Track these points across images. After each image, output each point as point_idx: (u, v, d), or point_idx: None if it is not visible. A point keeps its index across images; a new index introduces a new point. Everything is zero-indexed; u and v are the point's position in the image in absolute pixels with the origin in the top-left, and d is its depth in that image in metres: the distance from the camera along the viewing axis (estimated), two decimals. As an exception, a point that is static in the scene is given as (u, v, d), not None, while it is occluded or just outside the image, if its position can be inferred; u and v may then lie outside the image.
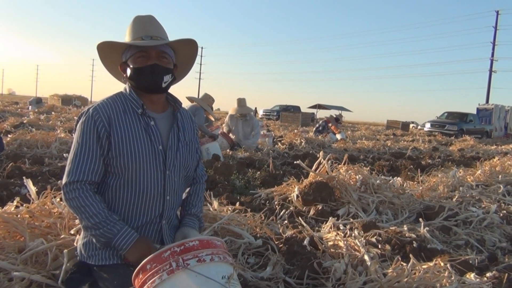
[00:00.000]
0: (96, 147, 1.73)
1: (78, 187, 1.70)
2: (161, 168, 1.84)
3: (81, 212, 1.69)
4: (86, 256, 1.80)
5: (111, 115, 1.77)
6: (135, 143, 1.78)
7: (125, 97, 1.85)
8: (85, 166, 1.71)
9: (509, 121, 29.30)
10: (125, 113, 1.81)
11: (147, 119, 1.83)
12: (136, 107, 1.83)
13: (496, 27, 38.10)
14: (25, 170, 4.66)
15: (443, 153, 10.93)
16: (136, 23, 1.85)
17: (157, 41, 1.80)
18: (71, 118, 14.44)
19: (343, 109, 38.94)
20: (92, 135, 1.73)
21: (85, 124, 1.75)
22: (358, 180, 3.92)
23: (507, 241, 3.29)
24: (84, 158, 1.72)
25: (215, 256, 1.45)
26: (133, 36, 1.82)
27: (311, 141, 10.09)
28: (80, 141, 1.74)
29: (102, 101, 1.82)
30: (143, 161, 1.79)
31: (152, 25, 1.85)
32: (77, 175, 1.70)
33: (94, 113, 1.75)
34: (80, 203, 1.69)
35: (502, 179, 5.12)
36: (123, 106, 1.82)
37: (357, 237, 2.68)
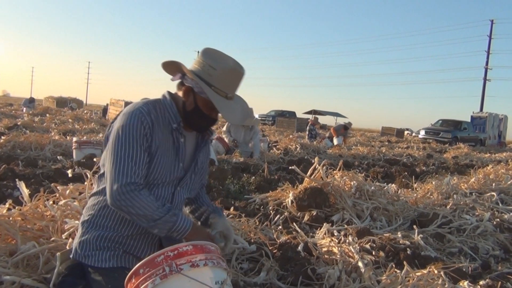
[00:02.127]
0: (144, 151, 1.71)
1: (133, 188, 1.66)
2: (174, 184, 1.87)
3: (137, 216, 1.67)
4: (82, 255, 1.78)
5: (154, 121, 1.74)
6: (164, 155, 1.78)
7: (165, 108, 1.81)
8: (136, 169, 1.68)
9: (502, 129, 29.52)
10: (163, 124, 1.79)
11: (179, 135, 1.83)
12: (173, 121, 1.81)
13: (490, 36, 38.40)
14: (18, 172, 4.62)
15: (437, 160, 10.98)
16: (231, 76, 1.77)
17: (237, 118, 1.83)
18: (66, 120, 14.38)
19: (338, 115, 39.08)
20: (141, 138, 1.70)
21: (134, 126, 1.70)
22: (353, 186, 3.92)
23: (501, 249, 3.29)
24: (135, 160, 1.68)
25: (208, 261, 1.45)
26: (221, 87, 1.75)
27: (306, 147, 10.11)
28: (130, 143, 1.68)
29: (145, 105, 1.76)
30: (164, 174, 1.80)
31: (239, 84, 1.83)
32: (132, 177, 1.66)
33: (141, 116, 1.71)
34: (136, 202, 1.65)
35: (495, 187, 5.14)
36: (161, 115, 1.79)
37: (351, 244, 2.68)
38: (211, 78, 1.73)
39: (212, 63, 1.73)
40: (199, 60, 1.77)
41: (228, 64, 1.75)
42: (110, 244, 1.78)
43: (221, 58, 1.76)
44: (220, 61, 1.75)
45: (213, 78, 1.73)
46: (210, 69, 1.73)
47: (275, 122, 30.74)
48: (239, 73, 1.80)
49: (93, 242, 1.78)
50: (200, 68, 1.75)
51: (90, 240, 1.78)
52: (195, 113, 1.81)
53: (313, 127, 14.17)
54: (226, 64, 1.75)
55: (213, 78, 1.73)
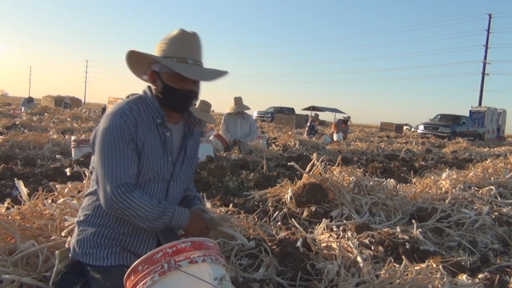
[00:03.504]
0: (131, 150, 1.72)
1: (125, 190, 1.67)
2: (167, 179, 1.88)
3: (133, 216, 1.69)
4: (80, 253, 1.79)
5: (137, 118, 1.75)
6: (152, 151, 1.79)
7: (147, 104, 1.82)
8: (126, 169, 1.69)
9: (501, 123, 29.58)
10: (147, 119, 1.80)
11: (164, 129, 1.84)
12: (157, 116, 1.81)
13: (488, 30, 38.43)
14: (16, 172, 4.62)
15: (436, 155, 10.99)
16: (180, 40, 1.77)
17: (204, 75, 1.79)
18: (64, 119, 14.37)
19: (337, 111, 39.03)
20: (126, 138, 1.70)
21: (118, 127, 1.70)
22: (352, 182, 3.93)
23: (499, 242, 3.30)
24: (123, 161, 1.69)
25: (207, 257, 1.45)
26: (176, 54, 1.75)
27: (305, 143, 10.11)
28: (116, 144, 1.69)
29: (126, 105, 1.77)
30: (154, 170, 1.80)
31: (196, 47, 1.80)
32: (122, 178, 1.67)
33: (124, 116, 1.72)
34: (130, 203, 1.66)
35: (494, 181, 5.15)
36: (144, 111, 1.80)
37: (350, 239, 2.68)
38: (165, 52, 1.76)
39: (163, 40, 1.78)
40: (156, 46, 1.80)
41: (176, 33, 1.78)
42: (107, 241, 1.78)
43: (169, 33, 1.79)
44: (169, 34, 1.78)
45: (167, 51, 1.76)
46: (162, 45, 1.77)
47: (273, 119, 30.75)
48: (189, 35, 1.79)
49: (90, 239, 1.78)
50: (156, 52, 1.78)
51: (87, 238, 1.79)
52: (167, 92, 1.80)
53: (313, 124, 14.16)
54: (174, 33, 1.78)
55: (166, 51, 1.76)
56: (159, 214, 1.71)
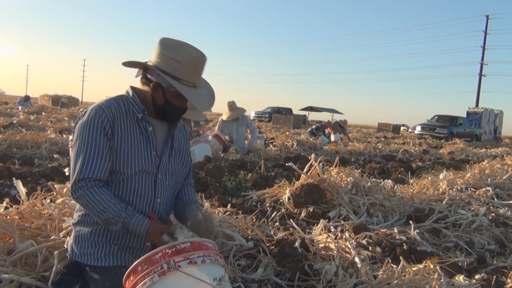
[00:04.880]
0: (103, 145, 1.73)
1: (84, 185, 1.68)
2: (153, 172, 1.87)
3: (90, 209, 1.70)
4: (78, 254, 1.79)
5: (115, 114, 1.77)
6: (133, 146, 1.80)
7: (128, 101, 1.84)
8: (92, 164, 1.70)
9: (498, 124, 29.66)
10: (127, 115, 1.81)
11: (146, 124, 1.85)
12: (137, 111, 1.83)
13: (486, 31, 38.51)
14: (14, 171, 4.61)
15: (433, 156, 11.02)
16: (194, 65, 1.80)
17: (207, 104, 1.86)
18: (62, 118, 14.32)
19: (334, 112, 39.13)
20: (99, 132, 1.72)
21: (91, 122, 1.73)
22: (349, 183, 3.94)
23: (496, 243, 3.32)
24: (92, 156, 1.70)
25: (206, 258, 1.46)
26: (187, 78, 1.78)
27: (302, 143, 10.11)
28: (87, 139, 1.71)
29: (105, 101, 1.81)
30: (138, 164, 1.81)
31: (203, 69, 1.86)
32: (85, 173, 1.69)
33: (100, 111, 1.74)
34: (86, 200, 1.68)
35: (491, 182, 5.17)
36: (125, 108, 1.82)
37: (348, 239, 2.69)
38: (177, 72, 1.76)
39: (175, 57, 1.75)
40: (160, 53, 1.77)
41: (191, 55, 1.78)
42: (105, 239, 1.79)
43: (183, 50, 1.78)
44: (183, 53, 1.77)
45: (179, 72, 1.76)
46: (174, 63, 1.75)
47: (271, 119, 30.72)
48: (202, 61, 1.83)
49: (87, 238, 1.79)
50: (164, 63, 1.76)
51: (84, 237, 1.80)
52: (167, 106, 1.84)
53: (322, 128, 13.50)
54: (189, 55, 1.77)
55: (179, 72, 1.76)
56: (114, 216, 1.69)
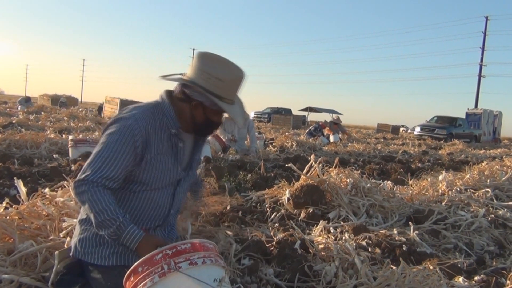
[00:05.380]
0: (125, 159, 1.72)
1: (90, 184, 1.68)
2: (173, 185, 1.92)
3: (89, 207, 1.68)
4: (82, 252, 1.80)
5: (150, 130, 1.77)
6: (162, 162, 1.82)
7: (163, 113, 1.83)
8: (105, 172, 1.69)
9: (497, 125, 29.68)
10: (161, 129, 1.82)
11: (178, 140, 1.86)
12: (171, 126, 1.84)
13: (485, 33, 38.58)
14: (14, 171, 4.60)
15: (433, 157, 11.02)
16: (235, 84, 1.83)
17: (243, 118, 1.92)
18: (61, 118, 14.32)
19: (334, 112, 39.13)
20: (126, 147, 1.71)
21: (122, 133, 1.72)
22: (349, 184, 3.94)
23: (495, 244, 3.32)
24: (107, 165, 1.70)
25: (207, 259, 1.46)
26: (228, 95, 1.80)
27: (302, 144, 10.12)
28: (112, 148, 1.71)
29: (142, 112, 1.78)
30: (164, 179, 1.84)
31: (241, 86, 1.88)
32: (93, 176, 1.68)
33: (135, 126, 1.73)
34: (88, 197, 1.67)
35: (490, 183, 5.17)
36: (160, 122, 1.82)
37: (347, 240, 2.70)
38: (219, 90, 1.76)
39: (218, 75, 1.75)
40: (201, 70, 1.76)
41: (234, 74, 1.79)
42: (109, 240, 1.79)
43: (225, 68, 1.78)
44: (225, 72, 1.77)
45: (221, 90, 1.77)
46: (217, 81, 1.75)
47: (270, 120, 30.73)
48: (242, 78, 1.85)
49: (92, 239, 1.80)
50: (205, 80, 1.75)
51: (89, 237, 1.80)
52: (206, 123, 1.86)
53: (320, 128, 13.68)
54: (232, 73, 1.79)
55: (221, 90, 1.76)
56: (111, 219, 1.67)
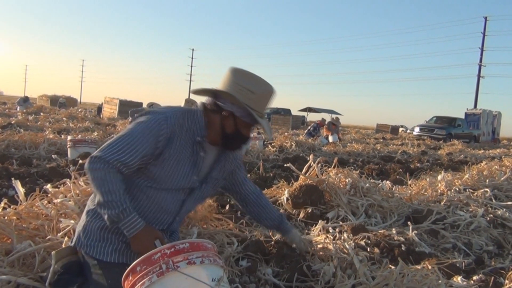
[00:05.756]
0: (144, 149, 1.73)
1: (105, 163, 1.69)
2: (185, 193, 1.91)
3: (99, 184, 1.68)
4: (85, 244, 1.80)
5: (176, 131, 1.79)
6: (179, 164, 1.83)
7: (194, 119, 1.86)
8: (122, 156, 1.70)
9: (496, 126, 29.71)
10: (186, 134, 1.83)
11: (199, 148, 1.88)
12: (197, 134, 1.85)
13: (484, 33, 38.65)
14: (12, 171, 4.60)
15: (432, 157, 11.04)
16: (267, 98, 1.87)
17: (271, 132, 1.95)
18: (60, 119, 14.32)
19: (333, 112, 39.18)
20: (149, 138, 1.74)
21: (149, 124, 1.75)
22: (348, 184, 3.94)
23: (494, 244, 3.32)
24: (126, 150, 1.71)
25: (205, 258, 1.46)
26: (259, 108, 1.83)
27: (301, 144, 10.13)
28: (135, 134, 1.74)
29: (174, 112, 1.82)
30: (177, 182, 1.84)
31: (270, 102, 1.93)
32: (110, 156, 1.69)
33: (163, 121, 1.76)
34: (101, 175, 1.67)
35: (489, 183, 5.17)
36: (188, 126, 1.84)
37: (346, 240, 2.69)
38: (251, 102, 1.80)
39: (250, 87, 1.80)
40: (234, 83, 1.81)
41: (265, 88, 1.85)
42: (114, 236, 1.80)
43: (257, 81, 1.84)
44: (257, 85, 1.83)
45: (253, 102, 1.81)
46: (249, 93, 1.80)
47: (270, 120, 30.74)
48: (273, 94, 1.91)
49: (96, 232, 1.80)
50: (238, 92, 1.80)
51: (94, 230, 1.81)
52: (235, 135, 1.88)
53: (318, 127, 13.88)
54: (263, 87, 1.84)
55: (253, 102, 1.81)
56: (117, 201, 1.68)
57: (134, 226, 1.70)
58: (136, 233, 1.70)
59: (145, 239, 1.71)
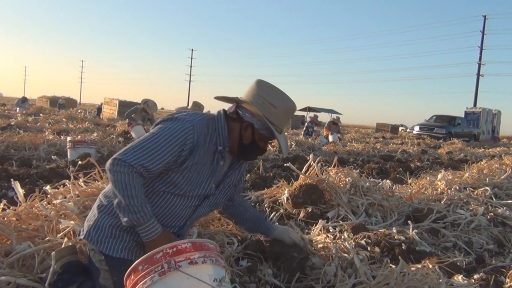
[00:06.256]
0: (168, 156, 1.73)
1: (128, 167, 1.68)
2: (200, 199, 1.92)
3: (121, 188, 1.67)
4: (95, 239, 1.80)
5: (201, 140, 1.79)
6: (200, 172, 1.84)
7: (216, 129, 1.87)
8: (146, 161, 1.70)
9: (496, 124, 29.73)
10: (210, 142, 1.84)
11: (220, 158, 1.88)
12: (220, 144, 1.86)
13: (483, 32, 38.66)
14: (12, 173, 4.60)
15: (432, 156, 11.04)
16: (287, 114, 1.90)
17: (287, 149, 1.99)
18: (60, 120, 14.30)
19: (333, 112, 39.18)
20: (174, 146, 1.73)
21: (176, 132, 1.74)
22: (348, 183, 3.93)
23: (494, 243, 3.32)
24: (151, 155, 1.70)
25: (207, 258, 1.45)
26: (278, 123, 1.86)
27: (301, 144, 10.13)
28: (160, 140, 1.73)
29: (200, 120, 1.82)
30: (195, 189, 1.85)
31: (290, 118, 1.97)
32: (134, 161, 1.68)
33: (190, 131, 1.76)
34: (124, 179, 1.67)
35: (489, 182, 5.17)
36: (211, 135, 1.85)
37: (346, 240, 2.69)
38: (271, 116, 1.82)
39: (272, 101, 1.82)
40: (257, 95, 1.83)
41: (287, 103, 1.87)
42: (125, 234, 1.80)
43: (280, 96, 1.86)
44: (280, 100, 1.84)
45: (273, 116, 1.83)
46: (270, 107, 1.82)
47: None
48: (294, 110, 1.93)
49: (108, 229, 1.80)
50: (260, 105, 1.82)
51: (105, 227, 1.81)
52: (252, 146, 1.90)
53: (312, 124, 14.18)
54: (285, 102, 1.86)
55: (273, 116, 1.83)
56: (138, 206, 1.68)
57: (153, 232, 1.72)
58: (153, 238, 1.72)
59: (162, 244, 1.70)
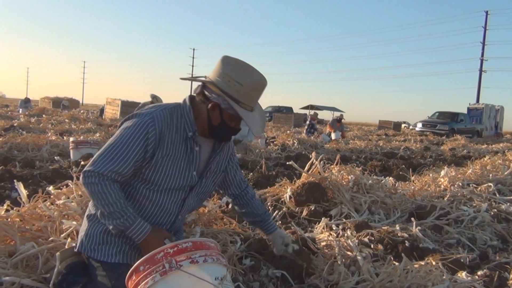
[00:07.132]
0: (135, 155, 1.71)
1: (99, 176, 1.67)
2: (185, 190, 1.88)
3: (98, 198, 1.67)
4: (88, 248, 1.80)
5: (164, 130, 1.75)
6: (175, 163, 1.80)
7: (182, 115, 1.82)
8: (115, 166, 1.68)
9: (499, 120, 29.60)
10: (176, 132, 1.80)
11: (193, 144, 1.84)
12: (188, 129, 1.81)
13: (485, 27, 38.46)
14: (15, 174, 4.61)
15: (435, 152, 11.01)
16: (256, 90, 1.79)
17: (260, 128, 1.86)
18: (62, 120, 14.34)
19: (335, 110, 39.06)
20: (138, 143, 1.71)
21: (136, 129, 1.71)
22: (351, 180, 3.93)
23: (498, 239, 3.31)
24: (118, 158, 1.69)
25: (208, 257, 1.45)
26: (247, 101, 1.76)
27: (303, 142, 10.13)
28: (123, 141, 1.70)
29: (160, 111, 1.78)
30: (176, 181, 1.82)
31: (261, 94, 1.85)
32: (103, 169, 1.67)
33: (150, 123, 1.72)
34: (98, 189, 1.66)
35: (492, 178, 5.16)
36: (177, 122, 1.80)
37: (349, 237, 2.69)
38: (238, 95, 1.73)
39: (238, 79, 1.72)
40: (222, 73, 1.74)
41: (255, 79, 1.76)
42: (117, 239, 1.80)
43: (246, 72, 1.75)
44: (246, 76, 1.74)
45: (240, 95, 1.74)
46: (237, 85, 1.72)
47: (272, 118, 30.71)
48: (263, 86, 1.82)
49: (99, 236, 1.80)
50: (225, 83, 1.73)
51: (96, 234, 1.80)
52: (222, 127, 1.83)
53: (313, 122, 14.22)
54: (253, 79, 1.76)
55: (240, 95, 1.74)
56: (120, 211, 1.68)
57: (142, 231, 1.71)
58: (144, 238, 1.71)
59: (155, 241, 1.71)
